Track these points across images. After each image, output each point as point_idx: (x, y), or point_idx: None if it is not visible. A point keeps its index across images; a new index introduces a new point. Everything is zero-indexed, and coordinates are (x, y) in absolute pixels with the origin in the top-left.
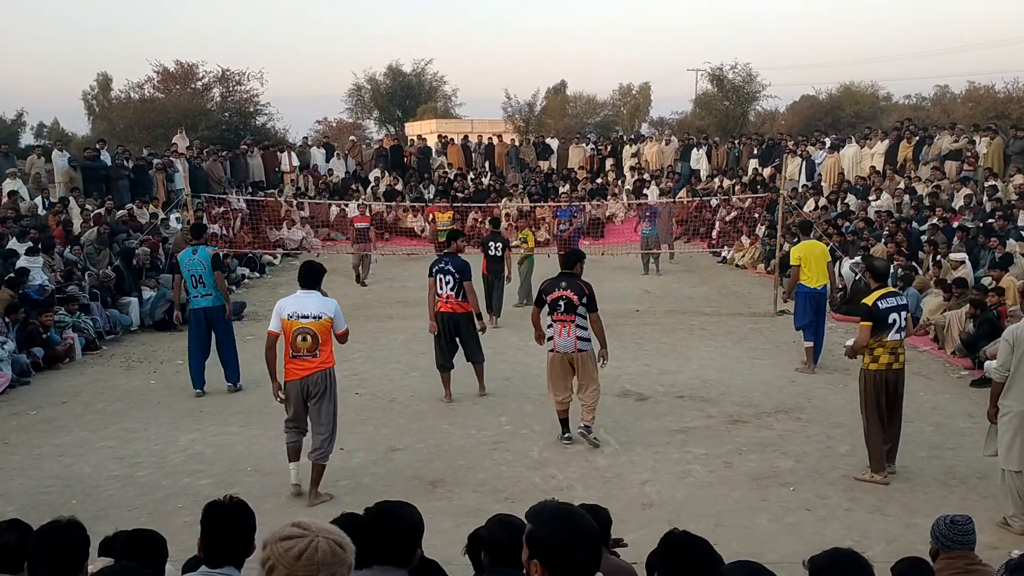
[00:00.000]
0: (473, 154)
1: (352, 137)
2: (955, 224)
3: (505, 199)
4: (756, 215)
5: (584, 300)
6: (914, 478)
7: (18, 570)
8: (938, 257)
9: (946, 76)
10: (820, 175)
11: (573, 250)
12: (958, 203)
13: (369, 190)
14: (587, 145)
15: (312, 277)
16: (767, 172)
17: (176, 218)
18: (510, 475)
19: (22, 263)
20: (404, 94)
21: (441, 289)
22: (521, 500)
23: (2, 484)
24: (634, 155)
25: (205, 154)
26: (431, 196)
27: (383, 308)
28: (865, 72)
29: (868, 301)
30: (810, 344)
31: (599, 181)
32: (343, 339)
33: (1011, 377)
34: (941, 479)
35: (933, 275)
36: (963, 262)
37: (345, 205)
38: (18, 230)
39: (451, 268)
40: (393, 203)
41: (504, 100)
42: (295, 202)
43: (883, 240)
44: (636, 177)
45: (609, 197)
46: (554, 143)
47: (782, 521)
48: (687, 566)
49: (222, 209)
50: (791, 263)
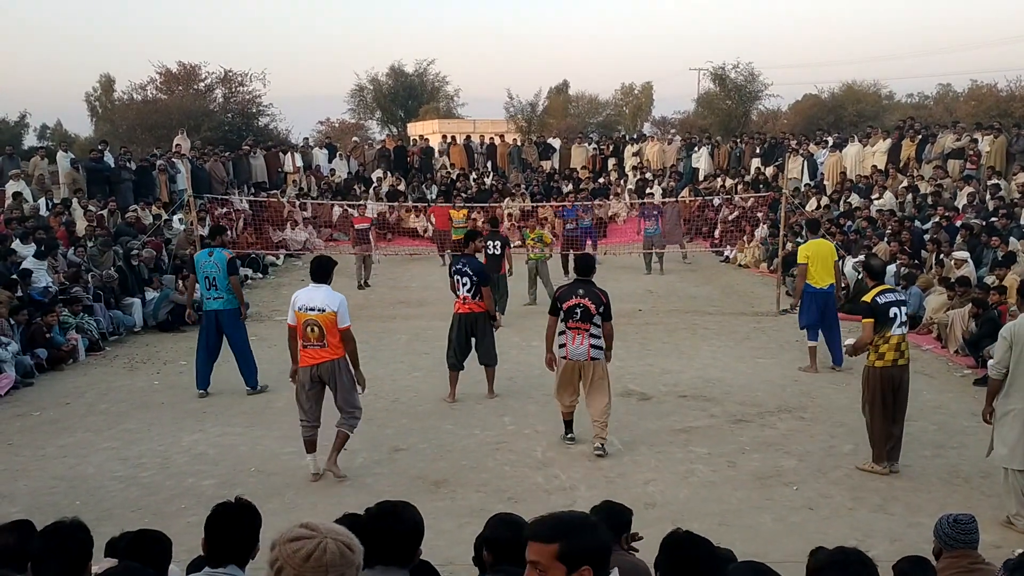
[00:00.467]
0: (475, 154)
1: (355, 138)
2: (958, 223)
3: (507, 199)
4: (759, 215)
5: (601, 309)
6: (917, 477)
7: (22, 570)
8: (941, 256)
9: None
10: (822, 174)
11: (588, 256)
12: (961, 202)
13: (372, 190)
14: (589, 145)
15: (322, 271)
16: (769, 171)
17: (179, 219)
18: (513, 475)
19: (27, 265)
20: (406, 94)
21: (459, 291)
22: (524, 500)
23: (6, 485)
24: (636, 154)
25: (206, 155)
26: (433, 196)
27: (386, 308)
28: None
29: (867, 298)
30: (814, 344)
31: (601, 181)
32: (346, 336)
33: (1011, 375)
34: (945, 478)
35: (936, 274)
36: (966, 261)
37: (349, 206)
38: (22, 231)
39: (468, 270)
40: (396, 203)
41: (506, 100)
42: (298, 203)
43: (886, 239)
44: (638, 177)
45: (611, 197)
46: (556, 143)
47: (785, 520)
48: (689, 566)
49: (225, 210)
50: (798, 262)
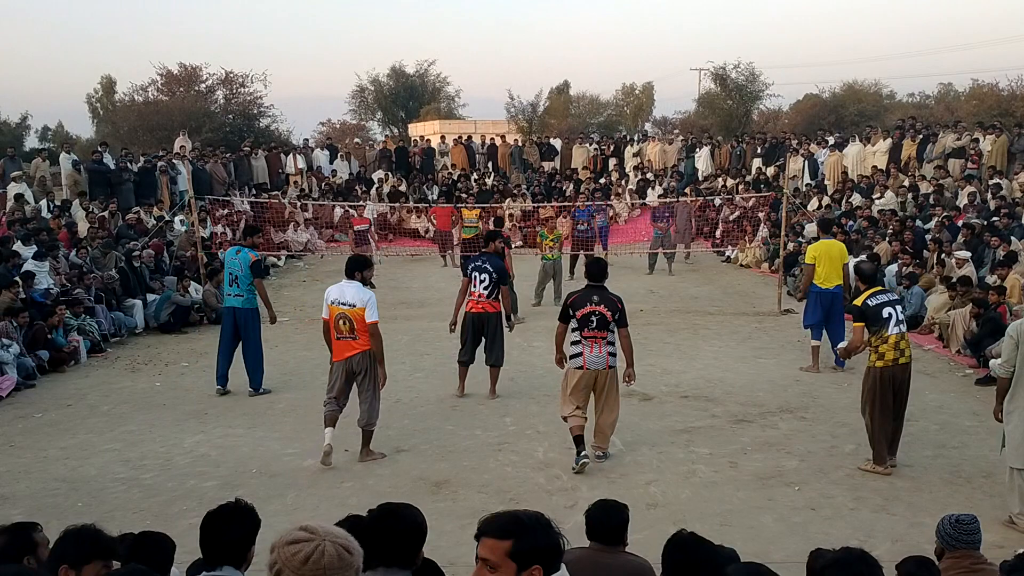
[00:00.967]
0: (476, 155)
1: (356, 139)
2: (959, 222)
3: (508, 199)
4: (760, 215)
5: (617, 316)
6: (919, 477)
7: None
8: (942, 255)
9: (950, 74)
10: (823, 174)
11: (600, 261)
12: (962, 201)
13: (373, 191)
14: (590, 145)
15: (352, 268)
16: (771, 171)
17: (180, 220)
18: (515, 476)
19: (28, 267)
20: (407, 95)
21: (475, 287)
22: (526, 501)
23: (8, 486)
24: (636, 155)
25: (206, 156)
26: (434, 197)
27: (387, 309)
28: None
29: (857, 301)
30: (817, 343)
31: (602, 181)
32: (372, 331)
33: (1016, 374)
34: (946, 478)
35: (937, 273)
36: (967, 260)
37: (350, 207)
38: (23, 233)
39: (489, 267)
40: (397, 204)
41: (507, 101)
42: (299, 204)
43: (887, 239)
44: (639, 177)
45: (613, 197)
46: (557, 143)
47: (787, 520)
48: (692, 567)
49: (226, 211)
50: (805, 261)
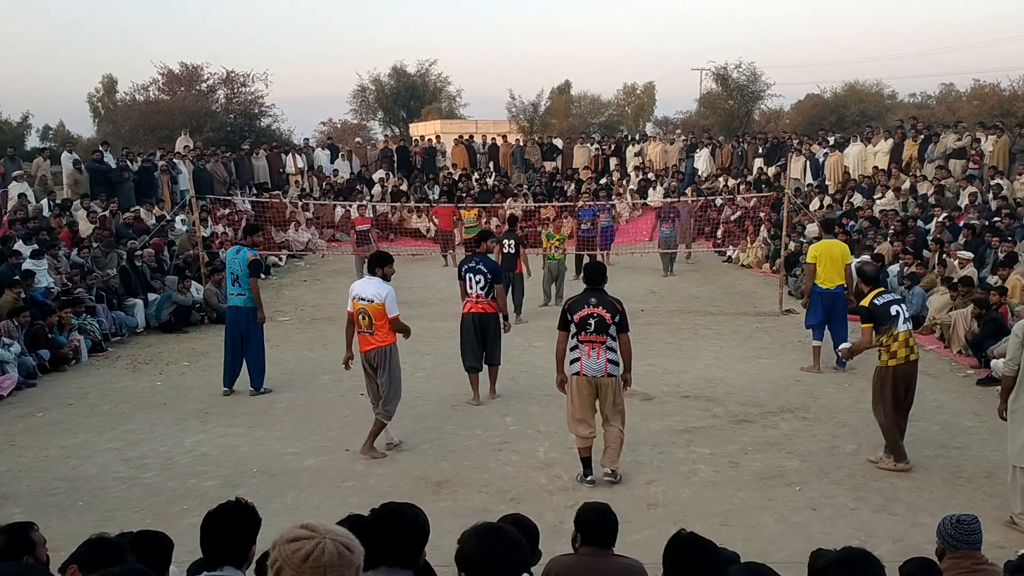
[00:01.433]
0: (478, 154)
1: (357, 138)
2: (961, 223)
3: (510, 199)
4: (761, 215)
5: (617, 319)
6: (920, 477)
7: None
8: (944, 255)
9: (951, 74)
10: (824, 174)
11: (599, 264)
12: (963, 201)
13: (375, 190)
14: (591, 145)
15: (373, 264)
16: (772, 171)
17: (181, 220)
18: (515, 476)
19: (27, 266)
20: (408, 95)
21: (471, 288)
22: (526, 501)
23: (9, 486)
24: (638, 155)
25: (207, 156)
26: (435, 196)
27: None
28: (870, 70)
29: (865, 302)
30: (818, 343)
31: (603, 181)
32: (395, 324)
33: (1022, 373)
34: (947, 478)
35: (939, 273)
36: (969, 260)
37: (349, 206)
38: (24, 232)
39: (483, 267)
40: (398, 204)
41: (508, 100)
42: (300, 204)
43: (889, 239)
44: (641, 177)
45: (614, 197)
46: (559, 143)
47: (788, 521)
48: (693, 568)
49: (227, 211)
50: (806, 261)
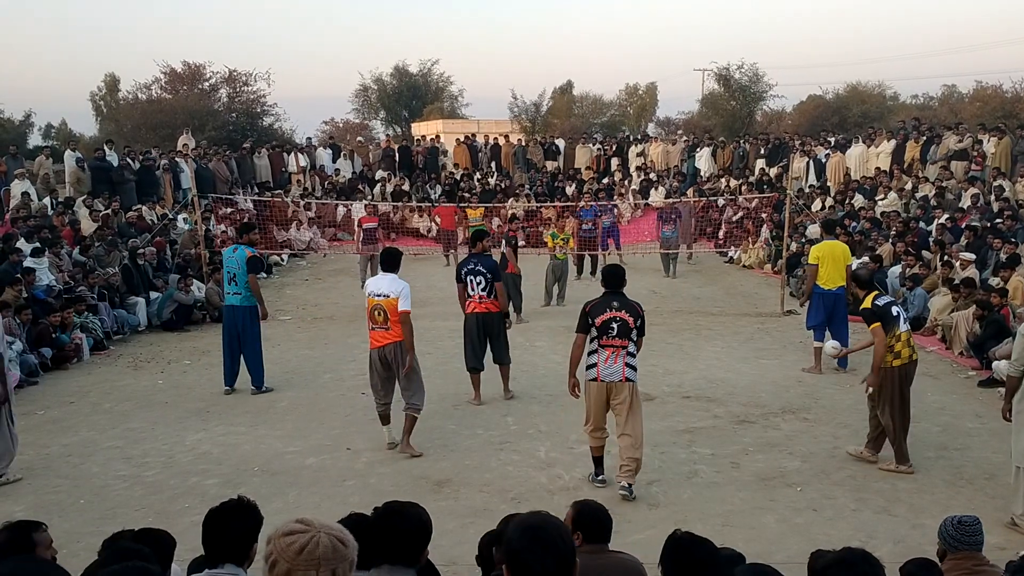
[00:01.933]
0: (479, 154)
1: (359, 138)
2: (963, 224)
3: (511, 199)
4: (763, 215)
5: (638, 322)
6: (921, 478)
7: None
8: (946, 257)
9: (953, 75)
10: (827, 175)
11: (617, 267)
12: (965, 203)
13: (376, 190)
14: (593, 145)
15: (390, 261)
16: (774, 172)
17: (183, 219)
18: (516, 475)
19: (27, 264)
20: (410, 94)
21: (472, 290)
22: (527, 500)
23: (10, 484)
24: (640, 155)
25: (209, 154)
26: (437, 196)
27: None
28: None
29: (866, 304)
30: (819, 344)
31: (605, 181)
32: (403, 319)
33: None
34: (948, 480)
35: (941, 275)
36: (972, 261)
37: (350, 205)
38: (26, 230)
39: (481, 268)
40: (400, 203)
41: (510, 100)
42: (302, 203)
43: (890, 240)
44: (642, 177)
45: (616, 197)
46: (560, 143)
47: (789, 521)
48: (691, 567)
49: (229, 210)
50: (808, 262)
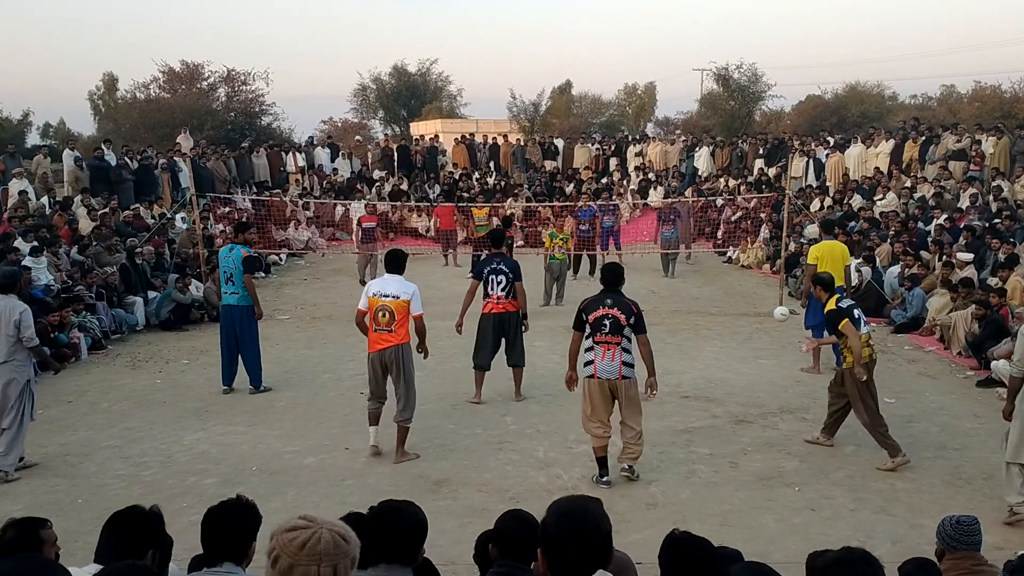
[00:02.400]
0: (478, 154)
1: (358, 137)
2: (961, 224)
3: (510, 199)
4: (762, 215)
5: (632, 320)
6: (920, 478)
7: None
8: (944, 257)
9: (952, 76)
10: (825, 175)
11: (616, 265)
12: (964, 203)
13: (374, 189)
14: (592, 145)
15: (396, 262)
16: (772, 172)
17: (182, 218)
18: (515, 475)
19: (25, 263)
20: (409, 94)
21: (492, 289)
22: (526, 500)
23: (8, 483)
24: (639, 155)
25: (207, 154)
26: (435, 196)
27: None
28: (871, 72)
29: (831, 307)
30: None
31: (604, 181)
32: (419, 324)
33: None
34: (947, 479)
35: (940, 275)
36: (969, 262)
37: (349, 205)
38: (24, 229)
39: (504, 268)
40: (398, 203)
41: (509, 100)
42: (300, 202)
43: (889, 240)
44: (641, 177)
45: (615, 197)
46: (559, 143)
47: (788, 521)
48: (689, 566)
49: (227, 209)
50: (807, 262)
